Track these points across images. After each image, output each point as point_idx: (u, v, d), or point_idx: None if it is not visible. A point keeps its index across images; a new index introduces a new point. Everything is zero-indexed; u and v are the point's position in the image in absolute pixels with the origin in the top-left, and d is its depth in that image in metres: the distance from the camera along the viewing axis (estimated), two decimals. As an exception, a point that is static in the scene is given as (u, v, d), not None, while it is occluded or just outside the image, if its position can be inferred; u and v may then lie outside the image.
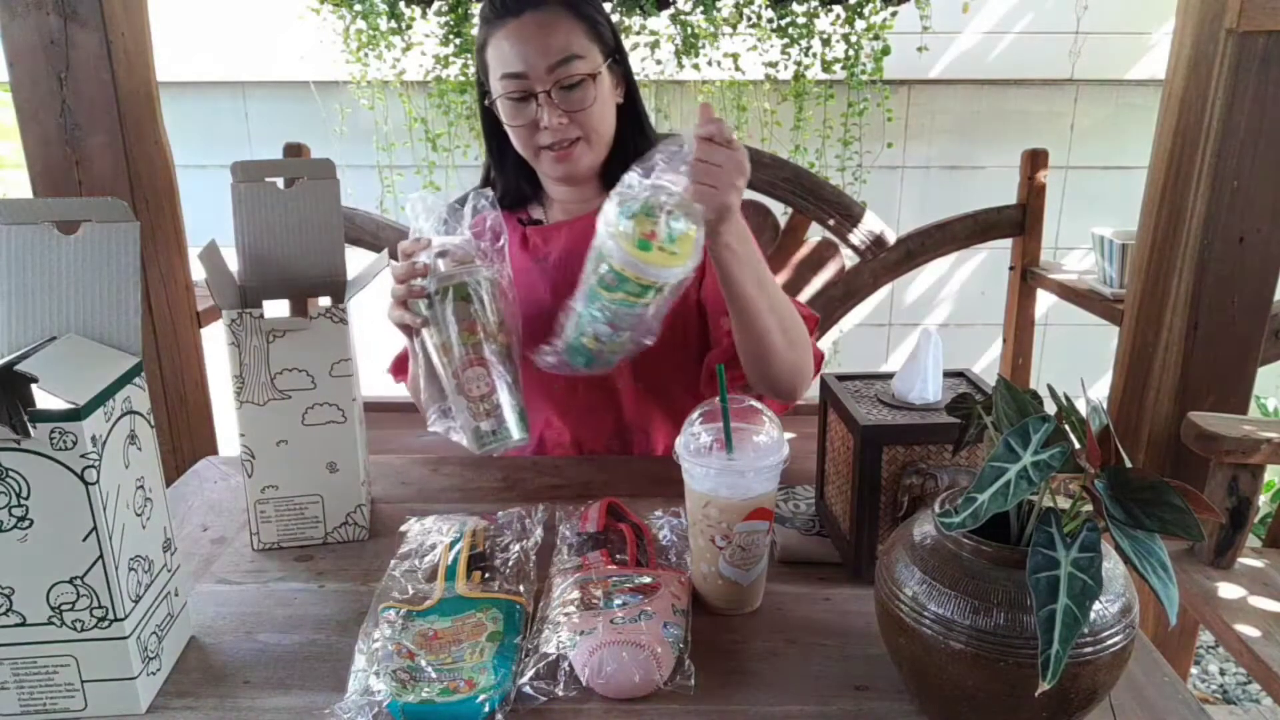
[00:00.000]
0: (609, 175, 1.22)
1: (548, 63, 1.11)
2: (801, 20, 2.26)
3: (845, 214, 1.89)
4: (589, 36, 1.14)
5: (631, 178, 0.94)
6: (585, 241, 1.05)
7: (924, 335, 0.85)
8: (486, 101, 1.20)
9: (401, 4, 2.24)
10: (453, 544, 0.88)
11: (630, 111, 1.23)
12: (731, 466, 0.79)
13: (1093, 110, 2.76)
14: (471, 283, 0.99)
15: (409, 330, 1.04)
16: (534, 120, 1.14)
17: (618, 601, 0.76)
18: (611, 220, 0.93)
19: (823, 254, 1.93)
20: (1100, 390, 2.55)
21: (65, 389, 0.63)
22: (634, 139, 1.23)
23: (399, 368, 1.29)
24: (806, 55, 2.31)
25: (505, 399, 1.01)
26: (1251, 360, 1.53)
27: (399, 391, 1.33)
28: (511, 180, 1.28)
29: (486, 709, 0.67)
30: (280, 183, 0.92)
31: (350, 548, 0.95)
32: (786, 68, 2.34)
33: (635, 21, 2.24)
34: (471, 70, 2.31)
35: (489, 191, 1.06)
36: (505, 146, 1.23)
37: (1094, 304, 1.89)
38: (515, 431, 1.01)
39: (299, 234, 0.92)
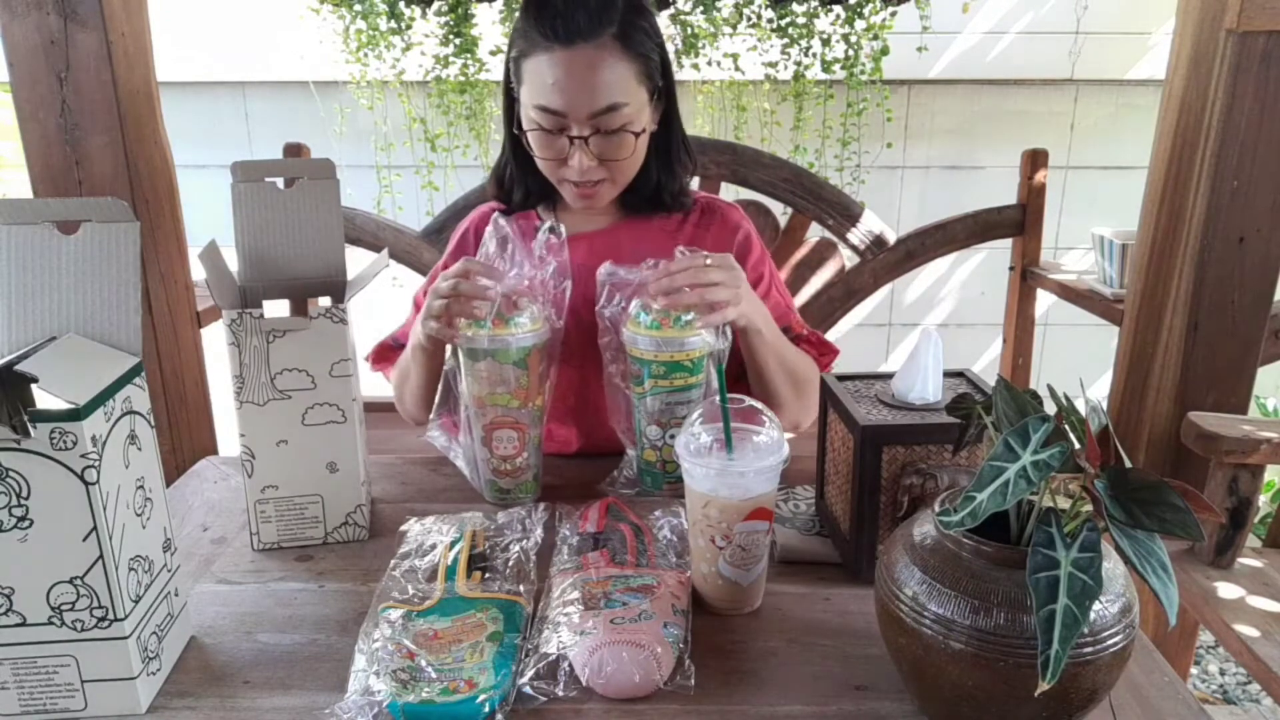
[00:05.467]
0: (628, 197, 1.20)
1: (590, 109, 1.05)
2: (801, 20, 2.26)
3: (845, 214, 1.89)
4: (638, 78, 1.08)
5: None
6: (603, 256, 1.05)
7: (924, 335, 0.85)
8: (515, 128, 1.14)
9: (401, 4, 2.24)
10: (453, 544, 0.88)
11: (663, 138, 1.18)
12: (731, 467, 0.79)
13: (1093, 110, 2.76)
14: (525, 349, 0.98)
15: (429, 338, 1.03)
16: (563, 156, 1.10)
17: (618, 601, 0.76)
18: (634, 326, 1.01)
19: (822, 254, 1.93)
20: (1100, 390, 2.55)
21: (65, 389, 0.63)
22: (660, 166, 1.19)
23: (379, 357, 1.27)
24: (806, 55, 2.31)
25: (528, 461, 1.03)
26: (1251, 360, 1.53)
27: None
28: (527, 180, 1.23)
29: (486, 709, 0.67)
30: (280, 183, 0.92)
31: (350, 548, 0.95)
32: (786, 68, 2.34)
33: (635, 21, 2.24)
34: (471, 71, 2.31)
35: (561, 228, 1.04)
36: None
37: (1094, 304, 1.88)
38: (529, 492, 1.05)
39: (299, 234, 0.92)
